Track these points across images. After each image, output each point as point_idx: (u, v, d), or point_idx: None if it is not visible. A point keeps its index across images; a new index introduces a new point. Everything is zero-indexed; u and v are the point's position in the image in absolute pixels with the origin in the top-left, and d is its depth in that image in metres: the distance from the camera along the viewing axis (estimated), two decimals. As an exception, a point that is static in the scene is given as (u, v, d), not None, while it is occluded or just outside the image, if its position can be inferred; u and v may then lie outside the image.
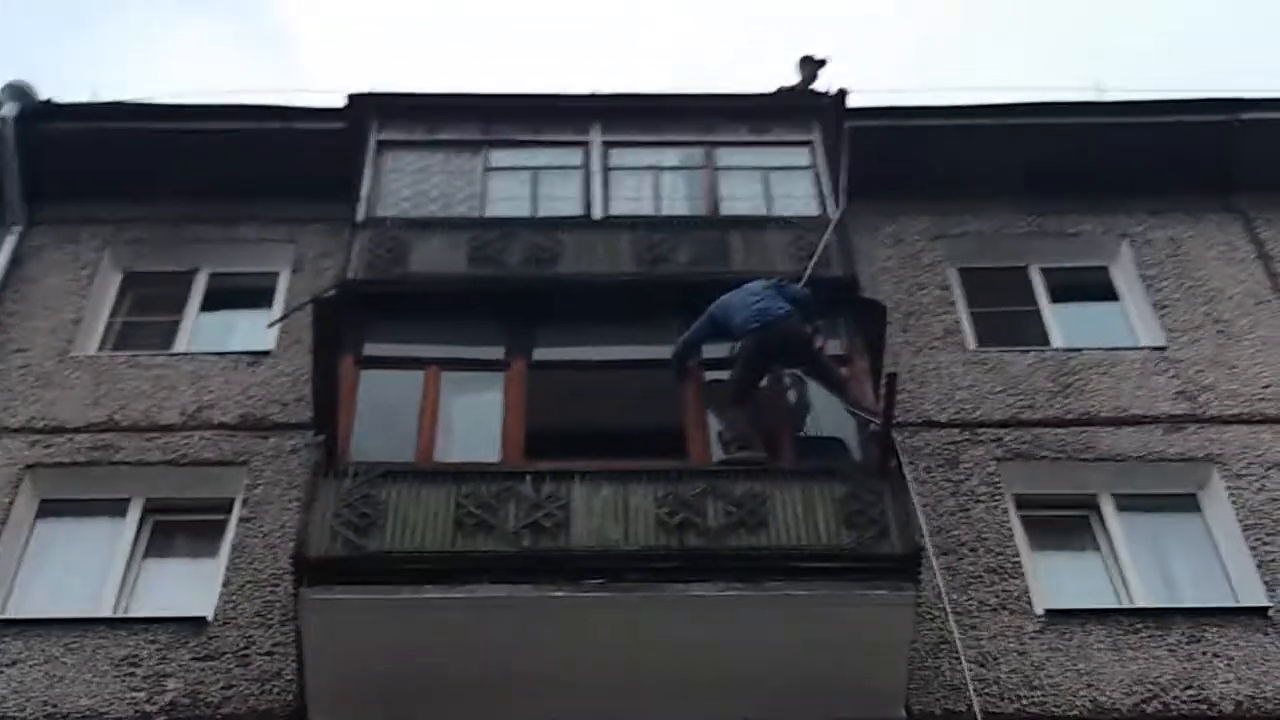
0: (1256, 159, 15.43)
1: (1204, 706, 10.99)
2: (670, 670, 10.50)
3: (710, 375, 12.17)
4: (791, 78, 15.59)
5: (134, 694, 11.03)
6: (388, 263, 13.02)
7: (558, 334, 12.61)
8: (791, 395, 12.16)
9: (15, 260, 14.79)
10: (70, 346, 14.00)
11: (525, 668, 10.48)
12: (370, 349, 12.30)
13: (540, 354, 12.45)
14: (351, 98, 14.84)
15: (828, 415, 11.91)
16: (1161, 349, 13.98)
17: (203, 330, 14.64)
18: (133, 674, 11.14)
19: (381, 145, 14.51)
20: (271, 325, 13.93)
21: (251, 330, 14.30)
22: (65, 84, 24.79)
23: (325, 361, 12.26)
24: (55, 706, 10.95)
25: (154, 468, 12.83)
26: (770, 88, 15.55)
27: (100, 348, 14.33)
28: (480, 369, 12.33)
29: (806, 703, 10.44)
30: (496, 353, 12.40)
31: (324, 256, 14.61)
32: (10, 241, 14.88)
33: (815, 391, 12.06)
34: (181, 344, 14.38)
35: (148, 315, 14.89)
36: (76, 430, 13.07)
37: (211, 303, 14.96)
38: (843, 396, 11.75)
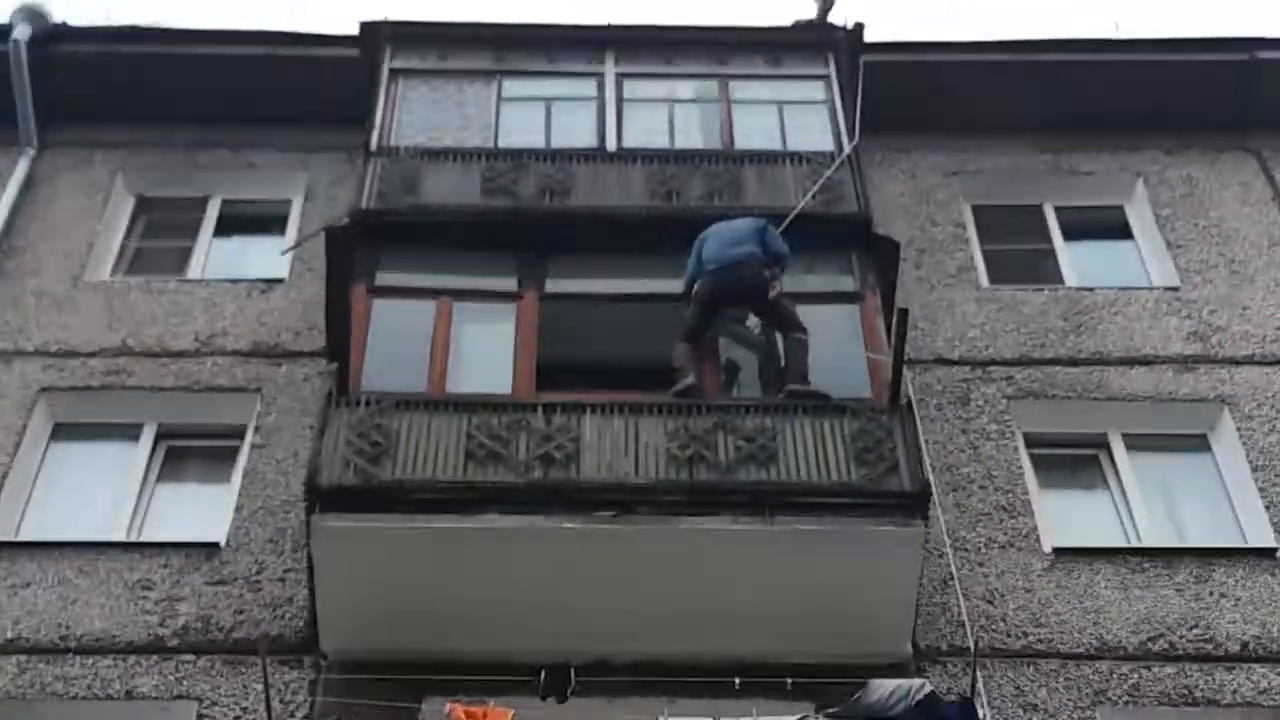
0: (1273, 98, 15.35)
1: (1210, 646, 11.06)
2: (678, 604, 10.54)
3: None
4: (808, 11, 15.50)
5: (147, 617, 11.12)
6: (400, 192, 13.00)
7: (570, 266, 12.59)
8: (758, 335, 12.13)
9: (28, 183, 14.76)
10: (83, 271, 13.99)
11: (534, 598, 10.54)
12: (383, 278, 12.30)
13: (552, 286, 12.44)
14: (365, 25, 14.77)
15: (834, 352, 11.89)
16: (1174, 289, 13.96)
17: (216, 256, 14.62)
18: (146, 598, 11.23)
19: (394, 73, 14.44)
20: (284, 253, 13.90)
21: (264, 257, 14.27)
22: (78, 7, 24.55)
23: (338, 290, 12.27)
24: (69, 629, 11.04)
25: (167, 393, 12.86)
26: (786, 21, 15.48)
27: (113, 273, 14.33)
28: (492, 300, 12.33)
29: (814, 637, 10.47)
30: (509, 284, 12.40)
31: (337, 184, 14.58)
32: (23, 165, 14.84)
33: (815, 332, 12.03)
34: (195, 270, 14.39)
35: (161, 241, 14.89)
36: (90, 354, 13.09)
37: (224, 229, 14.95)
38: (796, 348, 11.68)
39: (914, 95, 15.00)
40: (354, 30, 14.84)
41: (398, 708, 10.07)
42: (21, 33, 15.04)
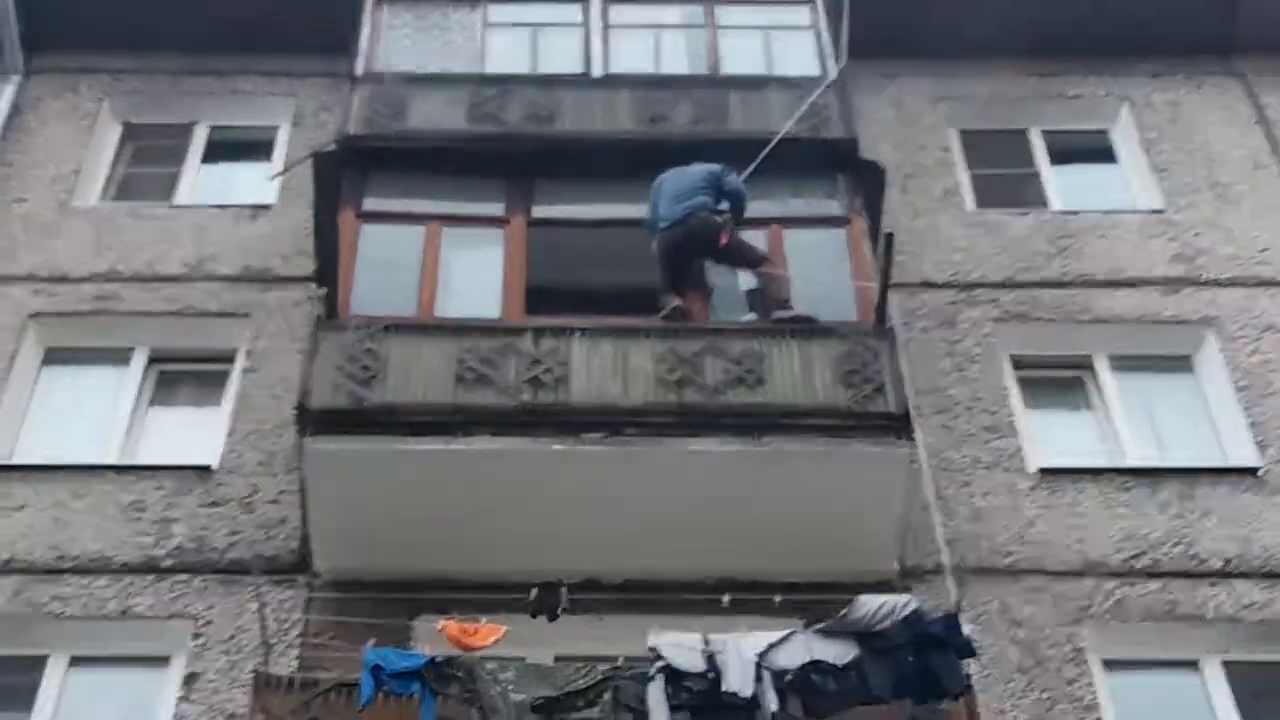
0: (1259, 22, 15.33)
1: (1192, 563, 11.21)
2: (667, 523, 10.65)
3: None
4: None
5: (141, 539, 11.22)
6: (387, 118, 13.00)
7: (557, 192, 12.64)
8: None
9: (14, 110, 14.71)
10: (71, 197, 13.98)
11: (523, 520, 10.63)
12: (370, 204, 12.34)
13: (539, 211, 12.48)
14: (350, -48, 14.67)
15: (820, 277, 11.93)
16: (1159, 212, 14.00)
17: (203, 182, 14.59)
18: (139, 519, 11.32)
19: (380, 0, 14.38)
20: (272, 179, 13.87)
21: (252, 183, 14.24)
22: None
23: (326, 216, 12.27)
24: (64, 550, 11.14)
25: (157, 318, 12.90)
26: (772, -56, 15.37)
27: (101, 198, 14.31)
28: (480, 225, 12.36)
29: (801, 556, 10.56)
30: (496, 209, 12.43)
31: (324, 110, 14.56)
32: (9, 91, 14.79)
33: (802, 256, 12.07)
34: (182, 196, 14.34)
35: (148, 167, 14.85)
36: (79, 280, 13.10)
37: (212, 155, 14.90)
38: (766, 279, 11.73)
39: (900, 20, 14.99)
40: (340, -45, 14.74)
41: (390, 626, 10.17)
42: (6, -42, 14.93)
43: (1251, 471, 11.83)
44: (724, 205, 11.87)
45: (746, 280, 11.96)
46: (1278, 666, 10.89)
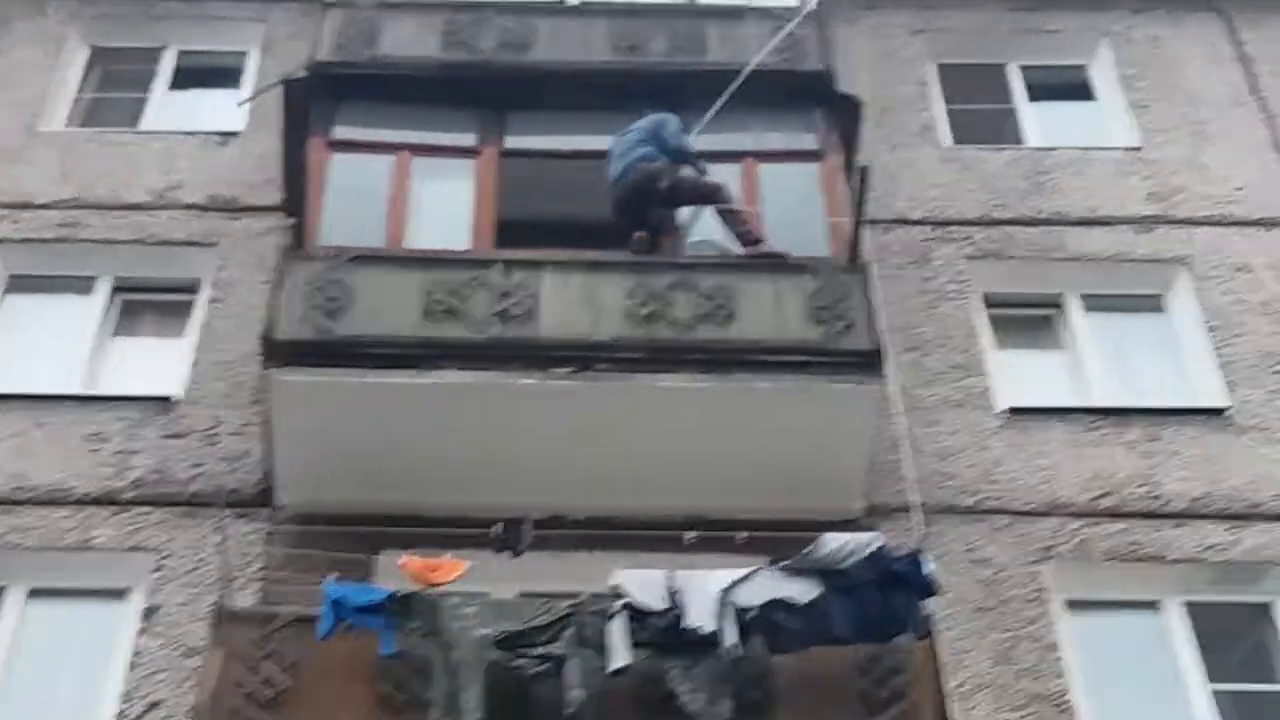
0: (1242, -42, 15.22)
1: (1157, 503, 11.21)
2: (634, 460, 10.61)
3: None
4: None
5: (102, 469, 11.15)
6: (358, 44, 12.83)
7: (530, 122, 12.51)
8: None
9: (-22, 34, 14.53)
10: (37, 122, 13.84)
11: (491, 455, 10.57)
12: (340, 132, 12.20)
13: (512, 142, 12.35)
14: (321, -126, 14.44)
15: (794, 211, 11.84)
16: (1136, 149, 13.93)
17: (171, 108, 14.42)
18: (100, 449, 11.24)
19: (354, -76, 14.19)
20: (241, 105, 13.73)
21: (221, 110, 14.08)
22: None
23: (295, 144, 12.15)
24: (24, 480, 11.07)
25: (122, 246, 12.77)
26: (750, -127, 15.20)
27: (67, 124, 14.15)
28: (451, 155, 12.24)
29: (769, 493, 10.56)
30: (468, 139, 12.30)
31: (294, 37, 14.34)
32: (-27, 15, 14.61)
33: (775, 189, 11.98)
34: (149, 122, 14.20)
35: (115, 92, 14.69)
36: (44, 206, 12.97)
37: (180, 81, 14.75)
38: (724, 212, 11.60)
39: (880, -50, 14.84)
40: (311, -121, 14.52)
41: (353, 560, 10.11)
42: (-28, -121, 14.70)
43: (1219, 412, 11.81)
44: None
45: (702, 225, 11.83)
46: (1239, 608, 10.91)
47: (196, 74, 14.81)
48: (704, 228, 11.80)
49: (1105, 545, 10.97)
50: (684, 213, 11.90)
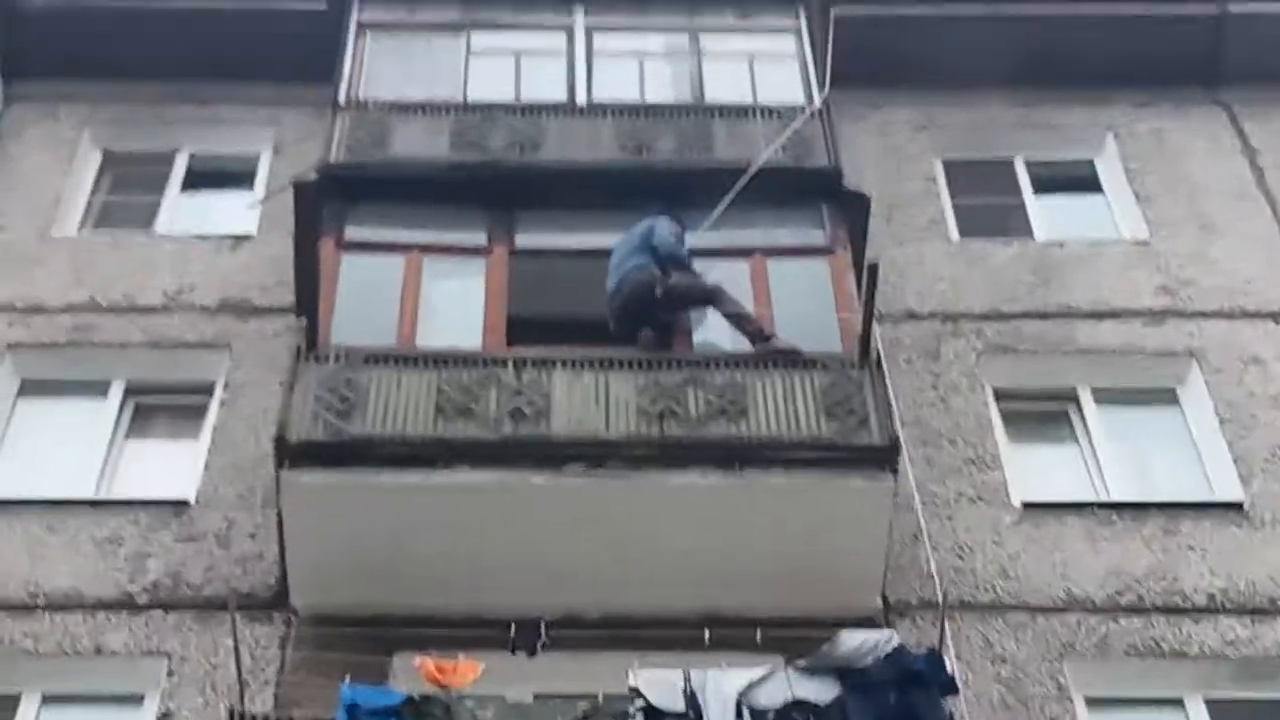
0: (1243, 52, 15.32)
1: (1177, 599, 11.11)
2: (649, 558, 10.57)
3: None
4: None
5: (116, 574, 11.09)
6: (369, 146, 12.94)
7: (540, 221, 12.57)
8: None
9: (-8, 139, 14.65)
10: (50, 226, 13.89)
11: (505, 554, 10.54)
12: (351, 233, 12.24)
13: (522, 240, 12.41)
14: (332, -22, 14.65)
15: (804, 307, 11.87)
16: (1144, 242, 13.96)
17: (183, 211, 14.52)
18: (115, 554, 11.19)
19: (362, 27, 14.40)
20: (252, 207, 13.84)
21: (232, 212, 14.16)
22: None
23: (306, 245, 12.21)
24: (38, 585, 10.99)
25: (135, 349, 12.80)
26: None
27: (80, 227, 14.24)
28: (462, 254, 12.29)
29: (784, 590, 10.49)
30: (478, 239, 12.36)
31: (305, 139, 14.44)
32: (-11, 119, 14.73)
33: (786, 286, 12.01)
34: (162, 225, 14.28)
35: (128, 195, 14.78)
36: (57, 310, 13.00)
37: (192, 184, 14.85)
38: (726, 312, 11.59)
39: (884, 49, 14.95)
40: (322, -16, 14.72)
41: (368, 662, 10.05)
42: (-15, -15, 14.88)
43: (1236, 506, 11.75)
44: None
45: (707, 327, 11.82)
46: (1261, 704, 10.79)
47: (208, 176, 14.91)
48: (709, 329, 11.80)
49: (1125, 641, 10.87)
50: (690, 314, 11.89)
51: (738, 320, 11.51)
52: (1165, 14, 15.44)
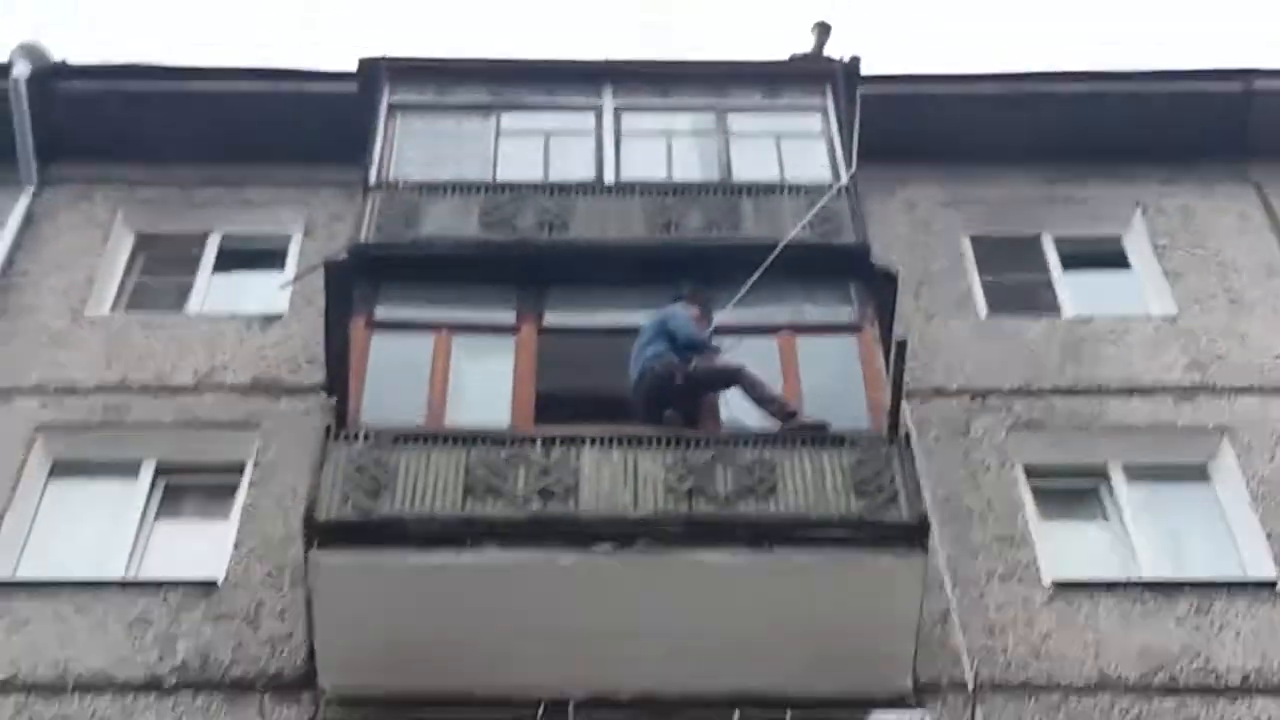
0: (1269, 128, 15.37)
1: (1211, 678, 11.00)
2: (679, 637, 10.52)
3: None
4: (804, 43, 15.56)
5: (145, 655, 11.07)
6: (399, 226, 12.99)
7: (569, 299, 12.60)
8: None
9: (28, 220, 14.77)
10: (83, 307, 14.00)
11: (533, 632, 10.51)
12: (382, 312, 12.30)
13: (551, 319, 12.44)
14: (363, 61, 14.78)
15: (832, 384, 11.87)
16: (1173, 318, 13.95)
17: (215, 292, 14.63)
18: (144, 636, 11.19)
19: (393, 108, 14.46)
20: (283, 288, 13.92)
21: (264, 293, 14.25)
22: (78, 45, 24.74)
23: (337, 324, 12.29)
24: (67, 667, 10.98)
25: (166, 429, 12.86)
26: (783, 53, 15.53)
27: (113, 308, 14.34)
28: (491, 333, 12.33)
29: (814, 670, 10.45)
30: (507, 317, 12.39)
31: (336, 219, 14.59)
32: (23, 201, 14.86)
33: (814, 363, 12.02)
34: (194, 305, 14.41)
35: (160, 276, 14.92)
36: (89, 391, 13.08)
37: (224, 264, 14.97)
38: (750, 392, 11.56)
39: (911, 126, 15.03)
40: (353, 66, 14.87)
41: (396, 743, 10.07)
42: (21, 70, 15.06)
43: (1270, 584, 11.64)
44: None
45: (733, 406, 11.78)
46: (1294, 785, 10.69)
47: (240, 257, 15.03)
48: (736, 406, 11.76)
49: (1160, 723, 10.80)
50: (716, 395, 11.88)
51: (761, 401, 11.50)
52: (1191, 90, 15.55)
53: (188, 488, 12.79)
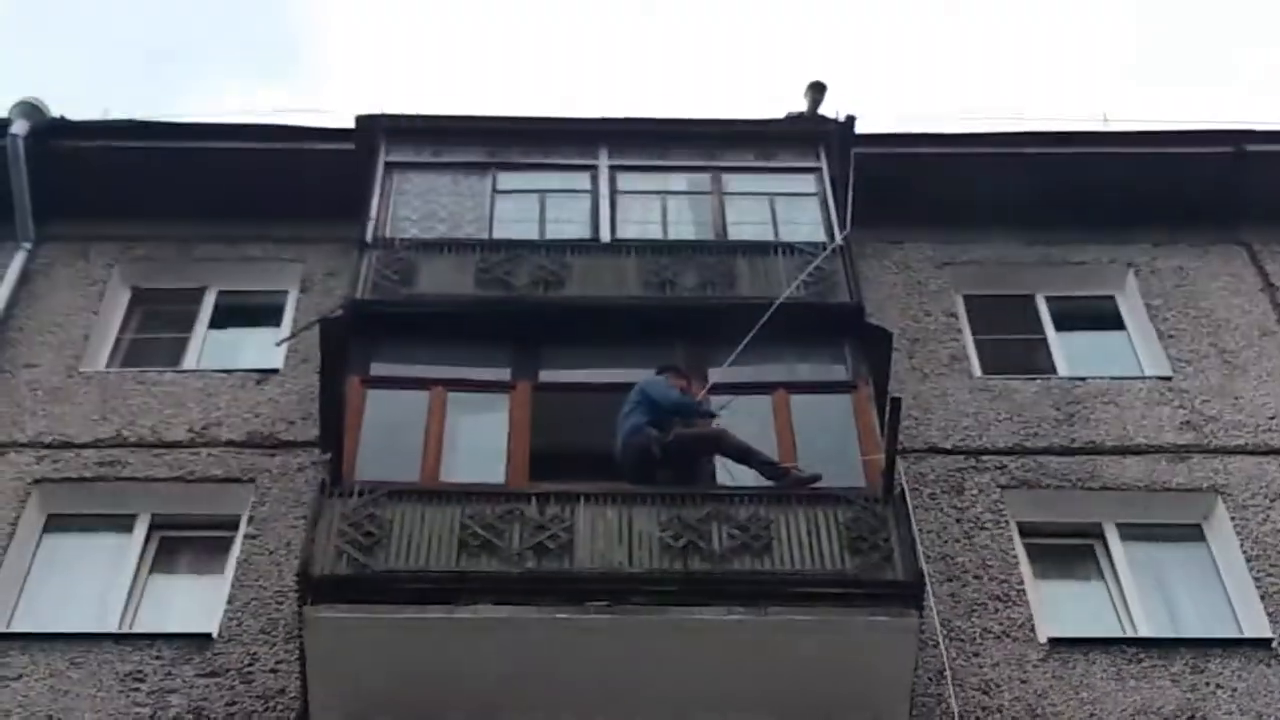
0: (1262, 190, 15.47)
1: (1206, 737, 11.00)
2: (673, 693, 10.52)
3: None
4: (799, 104, 15.63)
5: (138, 709, 11.04)
6: (395, 283, 13.03)
7: (564, 356, 12.64)
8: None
9: (24, 276, 14.82)
10: (79, 362, 14.02)
11: (528, 689, 10.52)
12: (377, 369, 12.33)
13: (546, 376, 12.47)
14: (359, 119, 14.85)
15: (827, 442, 11.88)
16: (1167, 379, 14.00)
17: (211, 348, 14.68)
18: (138, 689, 11.15)
19: (390, 166, 14.52)
20: (279, 344, 13.95)
21: (260, 348, 14.29)
22: (76, 102, 24.83)
23: (332, 381, 12.31)
24: (60, 720, 10.98)
25: (161, 484, 12.86)
26: (778, 113, 15.58)
27: (109, 364, 14.36)
28: (486, 390, 12.36)
29: (810, 730, 10.45)
30: (502, 374, 12.42)
31: (332, 276, 14.66)
32: (20, 258, 14.90)
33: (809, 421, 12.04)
34: (190, 361, 14.42)
35: (156, 332, 14.95)
36: (84, 446, 13.10)
37: (220, 320, 15.02)
38: (735, 456, 11.58)
39: (905, 187, 15.08)
40: (349, 124, 14.92)
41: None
42: (20, 128, 15.14)
43: (1265, 643, 11.65)
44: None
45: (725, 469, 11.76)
46: None
47: (236, 313, 15.08)
48: (730, 463, 11.74)
49: (1155, 782, 10.78)
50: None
51: (748, 460, 11.52)
52: (1182, 153, 15.64)
53: (182, 542, 12.77)
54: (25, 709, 11.03)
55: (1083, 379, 14.04)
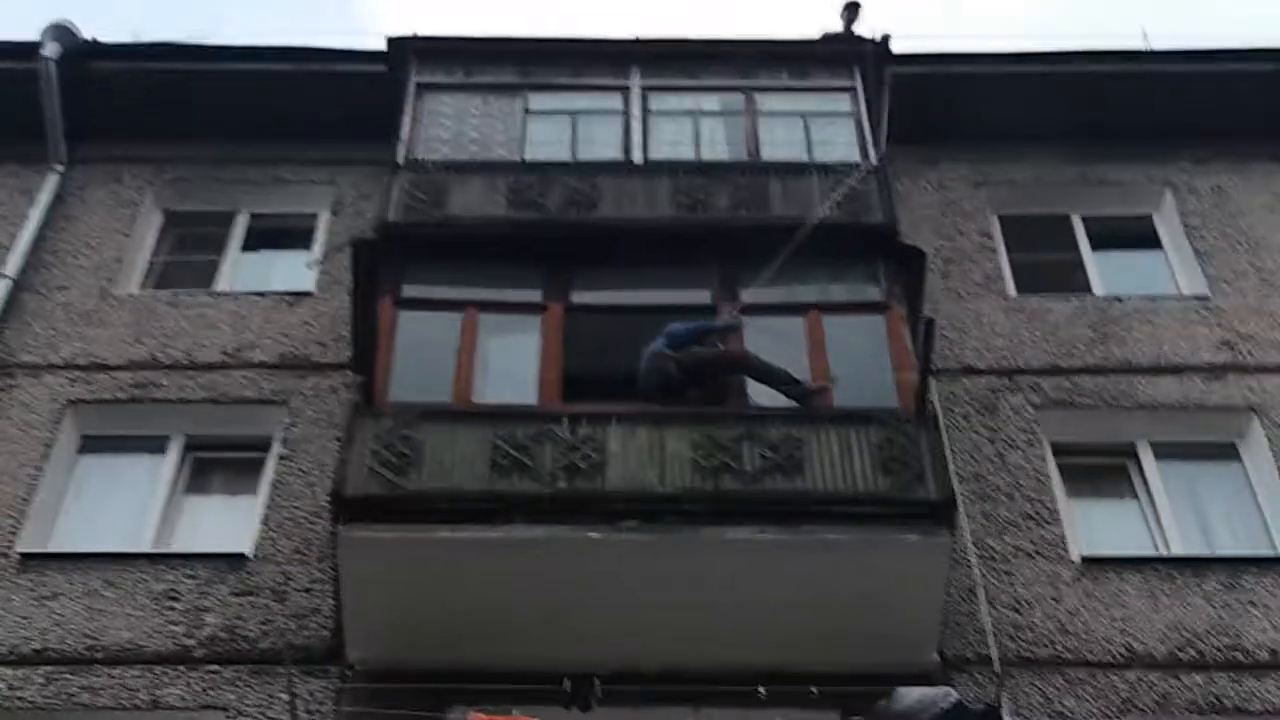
0: (1303, 107, 15.27)
1: (1239, 655, 10.99)
2: (705, 613, 10.55)
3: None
4: (833, 23, 15.51)
5: (173, 628, 11.16)
6: (427, 205, 12.99)
7: (596, 278, 12.59)
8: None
9: (58, 199, 14.84)
10: (112, 285, 14.06)
11: (559, 608, 10.55)
12: (409, 290, 12.32)
13: (578, 298, 12.44)
14: (391, 41, 14.79)
15: (860, 363, 11.85)
16: (1204, 298, 13.90)
17: (243, 270, 14.69)
18: (172, 608, 11.27)
19: (421, 88, 14.45)
20: (310, 266, 13.99)
21: (291, 271, 14.30)
22: (107, 24, 24.78)
23: (364, 303, 12.30)
24: (95, 639, 11.09)
25: (194, 405, 12.92)
26: (812, 33, 15.47)
27: (141, 286, 14.39)
28: (518, 312, 12.34)
29: (840, 646, 10.45)
30: (534, 296, 12.39)
31: (363, 198, 14.63)
32: (53, 181, 14.92)
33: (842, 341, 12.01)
34: (222, 284, 14.44)
35: (188, 255, 14.97)
36: (118, 368, 13.16)
37: (252, 243, 15.02)
38: (760, 375, 11.59)
39: (940, 106, 14.98)
40: (381, 46, 14.87)
41: (422, 717, 10.06)
42: (51, 50, 15.09)
43: (1298, 561, 11.63)
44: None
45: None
46: (1324, 759, 10.65)
47: (268, 236, 15.07)
48: (760, 390, 11.74)
49: (1187, 698, 10.77)
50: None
51: (768, 378, 11.49)
52: (1223, 70, 15.42)
53: (215, 463, 12.85)
54: (61, 628, 11.16)
55: (1119, 298, 13.94)
